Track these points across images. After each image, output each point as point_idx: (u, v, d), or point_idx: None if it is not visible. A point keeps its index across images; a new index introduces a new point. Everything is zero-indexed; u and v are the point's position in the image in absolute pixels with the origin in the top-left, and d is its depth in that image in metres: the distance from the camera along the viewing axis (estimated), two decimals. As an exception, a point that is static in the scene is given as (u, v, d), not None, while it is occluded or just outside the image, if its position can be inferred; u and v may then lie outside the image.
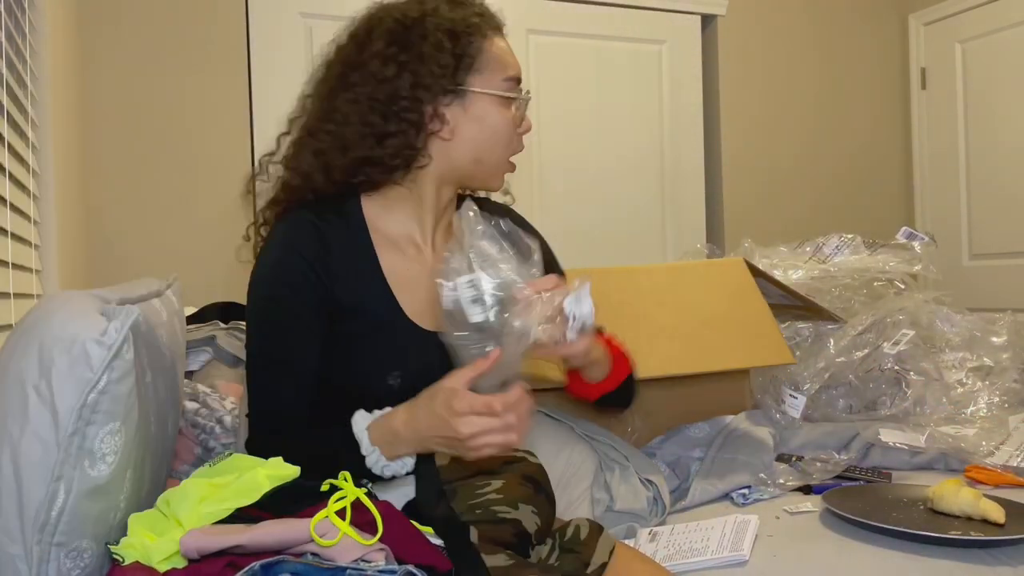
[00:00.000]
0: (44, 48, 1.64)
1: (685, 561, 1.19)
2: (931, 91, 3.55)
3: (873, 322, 1.74)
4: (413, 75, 1.08)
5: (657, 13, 3.19)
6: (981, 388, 1.77)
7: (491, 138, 1.13)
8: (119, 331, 0.74)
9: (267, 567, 0.75)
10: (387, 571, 0.77)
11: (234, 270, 2.43)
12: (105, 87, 2.47)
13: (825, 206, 3.45)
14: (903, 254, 1.93)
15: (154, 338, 0.98)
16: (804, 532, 1.27)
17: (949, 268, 3.36)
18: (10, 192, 1.27)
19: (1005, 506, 1.25)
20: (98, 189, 2.44)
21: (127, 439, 0.77)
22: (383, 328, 1.10)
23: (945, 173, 3.50)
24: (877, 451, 1.63)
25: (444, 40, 1.09)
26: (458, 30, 1.10)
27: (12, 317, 1.21)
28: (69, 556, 0.74)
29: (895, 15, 3.63)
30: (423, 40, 1.09)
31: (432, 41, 1.08)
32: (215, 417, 1.44)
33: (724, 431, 1.64)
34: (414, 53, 1.09)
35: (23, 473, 0.71)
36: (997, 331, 1.89)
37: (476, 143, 1.13)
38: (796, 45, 3.44)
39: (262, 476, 0.86)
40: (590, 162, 3.07)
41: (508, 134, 1.14)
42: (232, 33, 2.63)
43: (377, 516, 0.83)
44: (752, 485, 1.50)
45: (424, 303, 1.13)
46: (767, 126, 3.37)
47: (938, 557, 1.14)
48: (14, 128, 1.37)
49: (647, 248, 3.16)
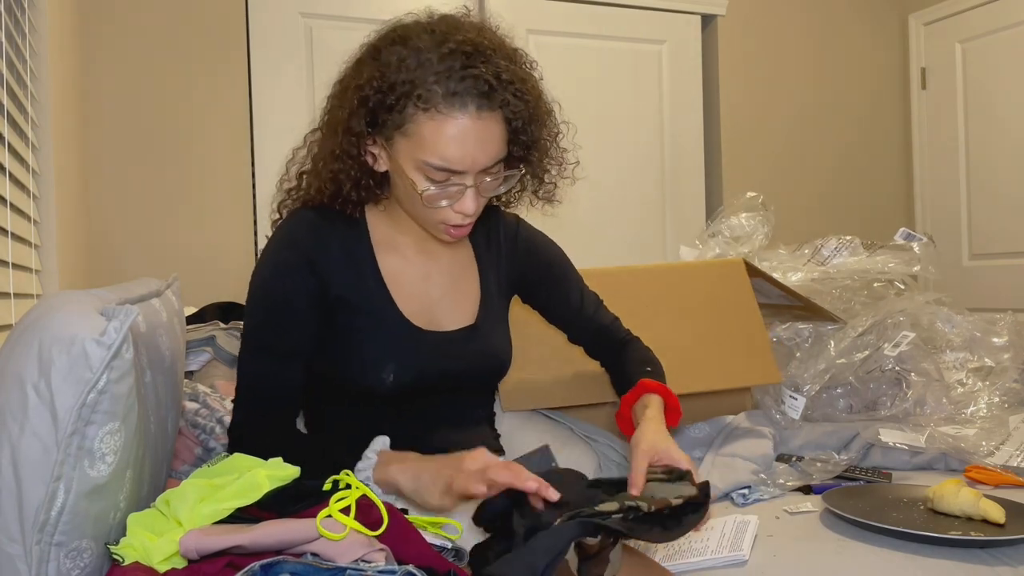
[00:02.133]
0: (44, 48, 1.64)
1: (685, 561, 1.19)
2: (931, 91, 3.55)
3: (873, 323, 1.74)
4: (352, 103, 1.02)
5: (657, 13, 3.19)
6: (981, 388, 1.77)
7: (407, 200, 1.07)
8: (118, 331, 0.74)
9: (267, 567, 0.75)
10: (387, 571, 0.77)
11: (234, 270, 2.44)
12: (105, 87, 2.47)
13: (825, 206, 3.45)
14: (902, 255, 1.93)
15: (154, 338, 0.98)
16: (804, 532, 1.27)
17: (949, 268, 3.36)
18: (10, 192, 1.27)
19: (1005, 506, 1.25)
20: (98, 189, 2.44)
21: (127, 439, 0.77)
22: (377, 323, 1.11)
23: (945, 173, 3.50)
24: (877, 451, 1.63)
25: (383, 85, 0.99)
26: (397, 86, 0.98)
27: (12, 317, 1.21)
28: (69, 556, 0.74)
29: (895, 15, 3.63)
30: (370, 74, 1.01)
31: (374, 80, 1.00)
32: (215, 417, 1.44)
33: (724, 431, 1.64)
34: (357, 82, 1.02)
35: (23, 473, 0.71)
36: (998, 331, 1.89)
37: (398, 195, 1.10)
38: (796, 45, 3.44)
39: (262, 476, 0.86)
40: (590, 162, 3.06)
41: (422, 206, 1.05)
42: (232, 33, 2.63)
43: (382, 508, 0.83)
44: (752, 485, 1.50)
45: (421, 302, 1.14)
46: (767, 126, 3.38)
47: (938, 557, 1.14)
48: (14, 128, 1.37)
49: (647, 247, 3.17)
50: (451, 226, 1.07)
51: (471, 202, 1.03)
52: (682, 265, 1.84)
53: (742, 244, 2.01)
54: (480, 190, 1.04)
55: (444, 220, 1.06)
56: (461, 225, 1.07)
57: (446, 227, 1.07)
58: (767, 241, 2.02)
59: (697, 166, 3.28)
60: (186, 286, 1.46)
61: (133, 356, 0.77)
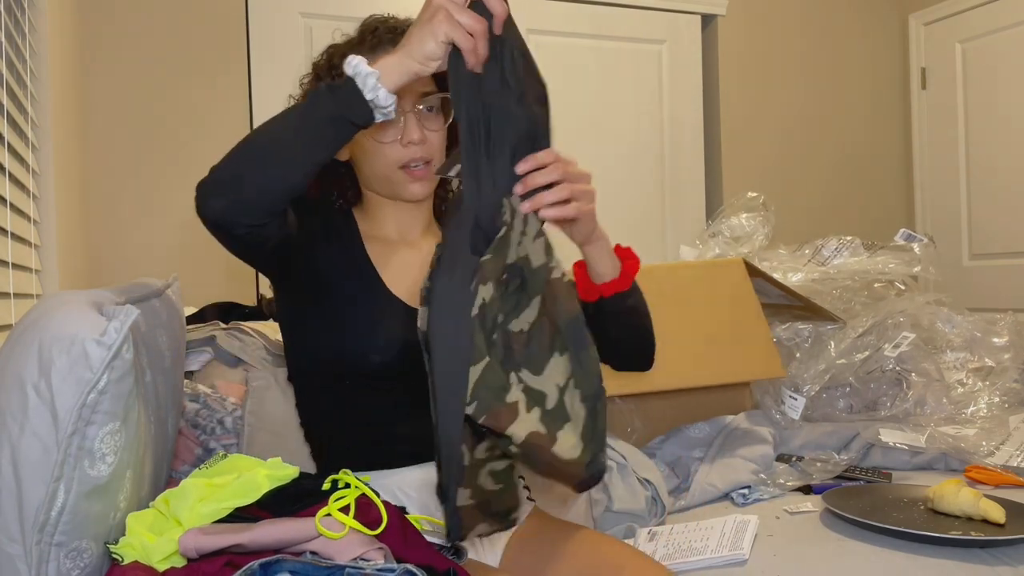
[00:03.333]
0: (44, 48, 1.64)
1: (684, 560, 1.19)
2: (931, 91, 3.55)
3: (874, 324, 1.74)
4: None
5: (657, 13, 3.19)
6: (981, 388, 1.77)
7: (367, 162, 1.16)
8: (119, 331, 0.74)
9: (266, 566, 0.75)
10: (386, 570, 0.77)
11: (234, 270, 2.44)
12: (105, 86, 2.47)
13: (825, 206, 3.45)
14: (902, 256, 1.93)
15: (154, 338, 0.98)
16: (804, 532, 1.27)
17: (949, 268, 3.36)
18: (10, 192, 1.27)
19: (1005, 506, 1.25)
20: (98, 189, 2.44)
21: (127, 439, 0.77)
22: (366, 299, 1.13)
23: (945, 173, 3.50)
24: (877, 451, 1.63)
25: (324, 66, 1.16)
26: (335, 58, 1.13)
27: (12, 317, 1.21)
28: (69, 556, 0.74)
29: (895, 15, 3.63)
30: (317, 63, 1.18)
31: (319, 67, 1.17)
32: (216, 418, 1.43)
33: (724, 431, 1.64)
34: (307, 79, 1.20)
35: (23, 473, 0.71)
36: (998, 332, 1.89)
37: (355, 160, 1.18)
38: (796, 45, 3.44)
39: (262, 476, 0.86)
40: (590, 161, 3.05)
41: (375, 148, 1.13)
42: (232, 33, 2.63)
43: (381, 507, 0.83)
44: (752, 485, 1.50)
45: (406, 283, 1.16)
46: (767, 126, 3.37)
47: (938, 557, 1.14)
48: (14, 128, 1.37)
49: (647, 248, 3.15)
50: (410, 170, 1.13)
51: (414, 128, 1.11)
52: (682, 265, 1.84)
53: (742, 244, 2.01)
54: (421, 118, 1.12)
55: (399, 160, 1.12)
56: (417, 161, 1.12)
57: (406, 173, 1.13)
58: (767, 241, 2.02)
59: (697, 166, 3.28)
60: (186, 286, 1.46)
61: (133, 356, 0.77)
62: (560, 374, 0.90)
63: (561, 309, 0.92)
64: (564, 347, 0.91)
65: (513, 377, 0.87)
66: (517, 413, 0.86)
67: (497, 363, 0.86)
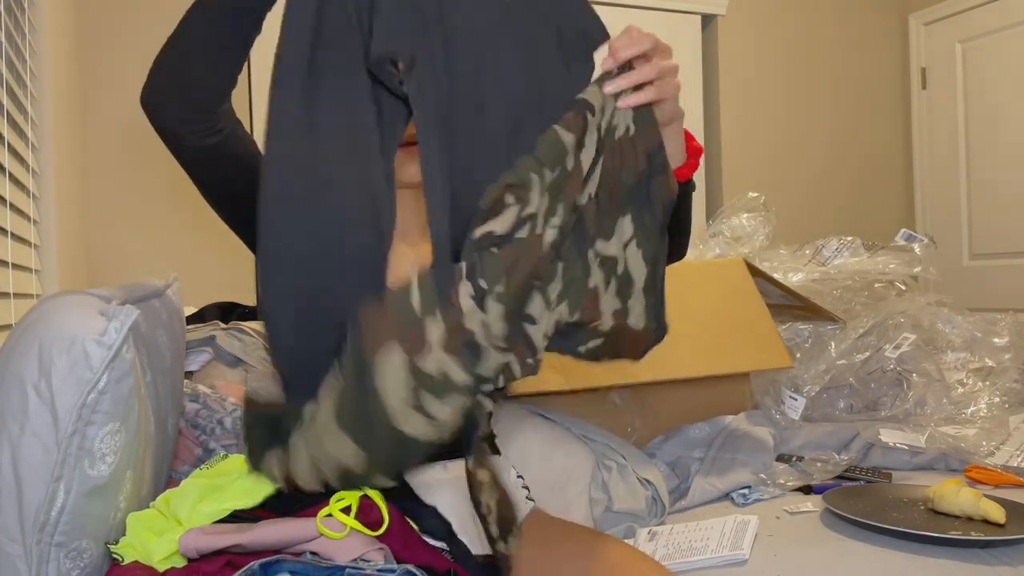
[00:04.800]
0: (44, 48, 1.64)
1: (684, 560, 1.19)
2: (931, 91, 3.55)
3: (874, 324, 1.74)
4: None
5: (657, 13, 3.19)
6: (982, 388, 1.77)
7: None
8: (119, 331, 0.74)
9: (266, 566, 0.75)
10: (386, 570, 0.77)
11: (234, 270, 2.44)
12: (105, 86, 2.47)
13: (825, 205, 3.45)
14: (903, 256, 1.93)
15: (154, 338, 0.98)
16: (804, 532, 1.27)
17: (949, 268, 3.36)
18: (10, 192, 1.27)
19: (1005, 506, 1.25)
20: (98, 189, 2.44)
21: (127, 439, 0.77)
22: None
23: (945, 173, 3.50)
24: (877, 451, 1.63)
25: None
26: None
27: (12, 317, 1.21)
28: (69, 556, 0.74)
29: (895, 15, 3.63)
30: None
31: None
32: (216, 418, 1.43)
33: (724, 431, 1.64)
34: None
35: (23, 473, 0.71)
36: (998, 332, 1.89)
37: None
38: (796, 45, 3.44)
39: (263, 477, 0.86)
40: (590, 162, 3.07)
41: None
42: (232, 33, 2.63)
43: (383, 507, 0.83)
44: (752, 485, 1.50)
45: None
46: (767, 125, 3.38)
47: (938, 557, 1.14)
48: (14, 128, 1.37)
49: (647, 248, 3.16)
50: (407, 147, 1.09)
51: None
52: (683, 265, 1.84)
53: (743, 244, 2.01)
54: None
55: None
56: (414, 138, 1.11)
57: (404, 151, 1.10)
58: (768, 241, 2.02)
59: (697, 166, 3.28)
60: (186, 286, 1.46)
61: (133, 356, 0.77)
62: (626, 232, 0.87)
63: (624, 166, 0.87)
64: (626, 207, 0.87)
65: (591, 255, 0.84)
66: (599, 295, 0.84)
67: (574, 250, 0.82)
